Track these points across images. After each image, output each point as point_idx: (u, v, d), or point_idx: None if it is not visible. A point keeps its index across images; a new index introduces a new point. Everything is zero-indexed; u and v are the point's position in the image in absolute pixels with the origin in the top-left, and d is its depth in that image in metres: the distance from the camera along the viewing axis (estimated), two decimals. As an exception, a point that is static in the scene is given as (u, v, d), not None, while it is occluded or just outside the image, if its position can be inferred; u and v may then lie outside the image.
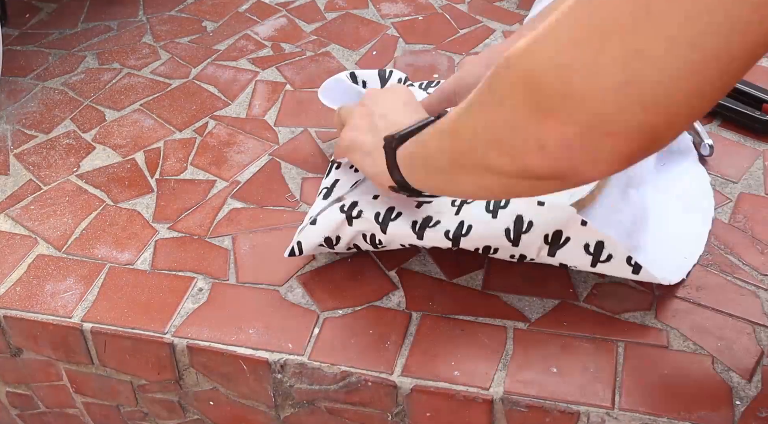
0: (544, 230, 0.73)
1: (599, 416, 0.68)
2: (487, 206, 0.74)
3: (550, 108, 0.46)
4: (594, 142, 0.46)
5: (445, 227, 0.75)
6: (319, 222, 0.78)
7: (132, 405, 0.87)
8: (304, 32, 1.22)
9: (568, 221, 0.72)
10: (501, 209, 0.74)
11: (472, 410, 0.71)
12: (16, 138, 1.05)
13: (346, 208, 0.77)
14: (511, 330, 0.76)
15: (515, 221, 0.73)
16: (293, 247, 0.80)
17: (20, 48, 1.23)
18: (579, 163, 0.47)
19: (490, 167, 0.52)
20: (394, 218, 0.76)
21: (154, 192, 0.95)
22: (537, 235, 0.73)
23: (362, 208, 0.77)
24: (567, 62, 0.44)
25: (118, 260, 0.86)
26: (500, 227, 0.73)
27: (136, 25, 1.27)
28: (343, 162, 0.88)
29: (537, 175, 0.50)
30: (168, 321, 0.79)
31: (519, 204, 0.73)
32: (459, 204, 0.76)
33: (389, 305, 0.79)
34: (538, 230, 0.72)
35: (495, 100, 0.50)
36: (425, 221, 0.75)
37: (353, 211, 0.77)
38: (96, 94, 1.11)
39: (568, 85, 0.44)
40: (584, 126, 0.45)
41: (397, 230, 0.76)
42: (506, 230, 0.73)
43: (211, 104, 1.08)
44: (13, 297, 0.83)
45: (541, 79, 0.45)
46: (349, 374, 0.74)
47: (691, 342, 0.73)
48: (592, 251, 0.73)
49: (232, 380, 0.79)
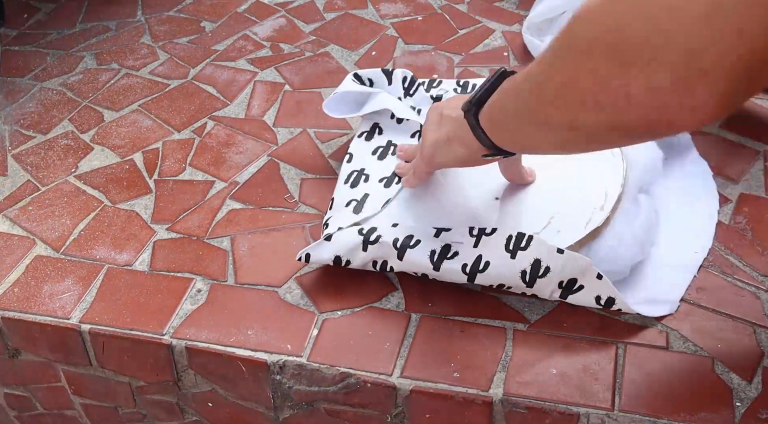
0: (560, 277, 0.73)
1: (599, 417, 0.68)
2: (507, 246, 0.74)
3: (636, 56, 0.43)
4: (687, 85, 0.42)
5: (462, 260, 0.75)
6: (334, 240, 0.78)
7: (130, 407, 0.87)
8: (303, 32, 1.21)
9: (585, 271, 0.72)
10: (521, 251, 0.73)
11: (471, 412, 0.71)
12: (14, 139, 1.05)
13: (365, 232, 0.77)
14: (511, 331, 0.75)
15: (533, 264, 0.73)
16: (301, 256, 0.80)
17: (18, 48, 1.23)
18: (673, 112, 0.44)
19: (578, 123, 0.50)
20: (413, 246, 0.76)
21: (152, 193, 0.94)
22: (552, 281, 0.73)
23: (381, 233, 0.77)
24: (648, 2, 0.42)
25: (116, 261, 0.86)
26: (517, 268, 0.73)
27: (135, 25, 1.26)
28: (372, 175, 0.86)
29: (628, 129, 0.47)
30: (166, 322, 0.79)
31: (539, 248, 0.73)
32: (477, 234, 0.75)
33: (388, 306, 0.79)
34: (554, 277, 0.73)
35: (576, 55, 0.48)
36: (444, 250, 0.75)
37: (371, 235, 0.77)
38: (94, 95, 1.11)
39: (652, 26, 0.42)
40: (675, 68, 0.42)
41: (415, 258, 0.76)
42: (522, 272, 0.73)
43: (209, 105, 1.08)
44: (11, 298, 0.83)
45: (624, 27, 0.43)
46: (348, 375, 0.73)
47: (692, 343, 0.73)
48: (603, 304, 0.74)
49: (231, 381, 0.78)
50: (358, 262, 0.78)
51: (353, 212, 0.82)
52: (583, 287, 0.73)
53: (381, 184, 0.85)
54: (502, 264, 0.74)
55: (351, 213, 0.82)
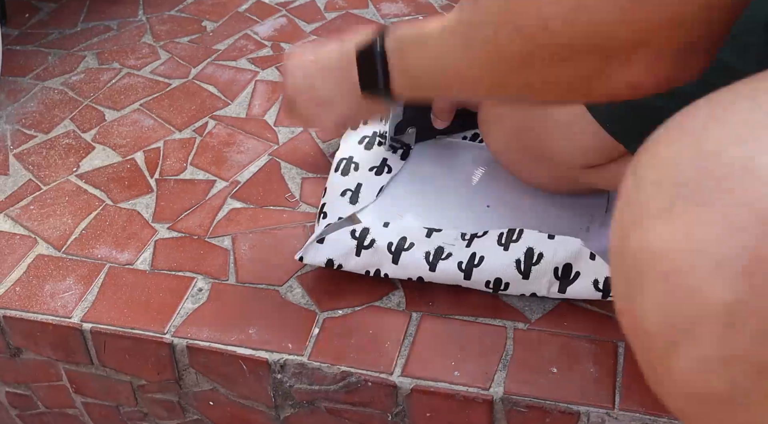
0: (554, 263, 0.73)
1: (599, 416, 0.68)
2: (498, 240, 0.75)
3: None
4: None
5: (457, 258, 0.75)
6: (327, 243, 0.78)
7: (132, 405, 0.87)
8: (304, 32, 1.22)
9: (578, 254, 0.73)
10: (513, 243, 0.75)
11: (472, 411, 0.71)
12: (15, 138, 1.05)
13: (358, 234, 0.77)
14: (511, 330, 0.76)
15: (526, 252, 0.74)
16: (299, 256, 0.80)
17: (20, 48, 1.23)
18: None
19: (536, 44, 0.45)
20: (407, 248, 0.76)
21: (153, 192, 0.95)
22: (546, 268, 0.74)
23: (374, 236, 0.77)
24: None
25: (117, 260, 0.86)
26: (511, 258, 0.74)
27: (136, 24, 1.27)
28: (361, 164, 0.88)
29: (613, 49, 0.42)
30: (168, 321, 0.79)
31: (530, 238, 0.74)
32: (469, 238, 0.77)
33: (389, 305, 0.79)
34: (548, 263, 0.73)
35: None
36: (438, 252, 0.76)
37: (365, 239, 0.77)
38: (96, 94, 1.11)
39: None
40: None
41: (410, 261, 0.76)
42: (517, 261, 0.74)
43: (210, 104, 1.08)
44: (12, 297, 0.83)
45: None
46: (349, 374, 0.73)
47: (692, 342, 0.73)
48: (602, 288, 0.74)
49: (232, 380, 0.79)
50: (350, 267, 0.78)
51: (350, 203, 0.83)
52: (579, 274, 0.73)
53: (372, 172, 0.87)
54: (497, 257, 0.75)
55: (348, 204, 0.83)
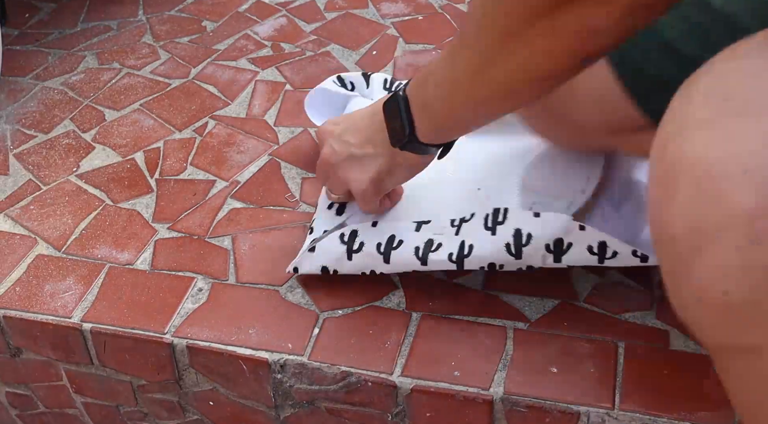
0: (544, 240, 0.72)
1: (599, 416, 0.68)
2: (485, 224, 0.74)
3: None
4: None
5: (447, 250, 0.75)
6: (318, 251, 0.78)
7: (132, 405, 0.87)
8: (303, 32, 1.22)
9: (567, 228, 0.72)
10: (499, 226, 0.74)
11: (472, 411, 0.71)
12: (15, 138, 1.05)
13: (347, 239, 0.77)
14: (511, 330, 0.76)
15: (514, 234, 0.73)
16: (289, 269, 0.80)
17: (20, 48, 1.23)
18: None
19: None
20: (396, 247, 0.76)
21: (153, 192, 0.95)
22: (537, 246, 0.73)
23: (363, 239, 0.77)
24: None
25: (117, 260, 0.86)
26: (501, 242, 0.73)
27: (136, 24, 1.27)
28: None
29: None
30: (168, 321, 0.79)
31: (516, 219, 0.73)
32: (458, 224, 0.76)
33: (389, 305, 0.79)
34: (539, 242, 0.72)
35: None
36: (427, 245, 0.75)
37: (354, 243, 0.77)
38: (96, 94, 1.11)
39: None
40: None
41: (400, 259, 0.76)
42: (506, 244, 0.73)
43: (210, 104, 1.08)
44: (12, 297, 0.83)
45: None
46: (349, 374, 0.73)
47: (692, 342, 0.73)
48: (597, 252, 0.72)
49: (232, 380, 0.79)
50: (345, 270, 0.78)
51: (336, 214, 0.83)
52: (572, 244, 0.72)
53: None
54: (485, 243, 0.74)
55: (335, 215, 0.83)
